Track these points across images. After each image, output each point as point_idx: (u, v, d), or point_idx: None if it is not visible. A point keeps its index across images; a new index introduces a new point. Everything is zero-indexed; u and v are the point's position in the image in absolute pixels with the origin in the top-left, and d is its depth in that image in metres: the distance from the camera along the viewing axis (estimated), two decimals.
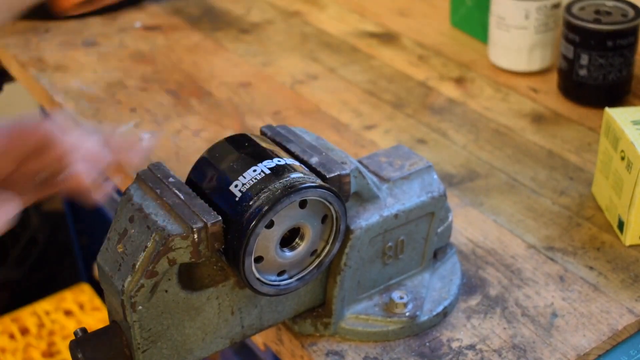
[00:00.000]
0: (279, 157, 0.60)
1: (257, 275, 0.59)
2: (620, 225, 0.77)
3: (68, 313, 1.49)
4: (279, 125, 0.67)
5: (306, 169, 0.61)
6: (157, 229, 0.56)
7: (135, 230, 0.57)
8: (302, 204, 0.59)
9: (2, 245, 1.76)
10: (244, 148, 0.61)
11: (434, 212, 0.68)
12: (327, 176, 0.61)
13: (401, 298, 0.68)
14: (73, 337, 0.60)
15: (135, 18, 1.23)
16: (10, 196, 0.56)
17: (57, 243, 1.88)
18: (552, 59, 1.04)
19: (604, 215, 0.80)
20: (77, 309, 1.49)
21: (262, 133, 0.66)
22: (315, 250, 0.62)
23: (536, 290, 0.72)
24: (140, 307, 0.57)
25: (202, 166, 0.62)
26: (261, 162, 0.59)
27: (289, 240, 0.61)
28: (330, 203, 0.60)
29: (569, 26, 0.94)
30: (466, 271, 0.74)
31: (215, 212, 0.57)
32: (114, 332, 0.60)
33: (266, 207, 0.56)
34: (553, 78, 1.03)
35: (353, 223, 0.64)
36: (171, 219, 0.57)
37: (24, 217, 1.81)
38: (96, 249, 0.62)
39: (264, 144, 0.62)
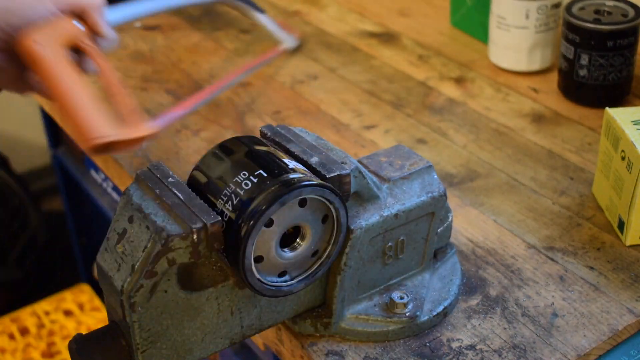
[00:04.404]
0: (279, 158, 0.60)
1: (257, 275, 0.59)
2: (621, 225, 0.76)
3: (68, 313, 1.49)
4: (279, 125, 0.67)
5: (305, 169, 0.61)
6: (157, 229, 0.56)
7: (135, 230, 0.57)
8: (302, 203, 0.59)
9: (2, 245, 1.76)
10: (243, 151, 0.61)
11: (434, 212, 0.68)
12: (327, 176, 0.61)
13: (401, 298, 0.68)
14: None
15: None
16: None
17: (57, 243, 1.88)
18: (552, 58, 1.04)
19: (604, 215, 0.80)
20: (77, 309, 1.49)
21: (262, 133, 0.66)
22: (317, 251, 0.62)
23: (536, 290, 0.72)
24: (139, 308, 0.57)
25: (203, 166, 0.62)
26: (261, 163, 0.60)
27: (290, 240, 0.61)
28: (330, 202, 0.60)
29: (569, 26, 0.94)
30: (466, 271, 0.74)
31: (215, 212, 0.57)
32: (113, 332, 0.59)
33: (264, 206, 0.56)
34: (553, 78, 1.02)
35: (353, 223, 0.64)
36: (170, 219, 0.57)
37: (24, 217, 1.81)
38: (96, 249, 0.62)
39: (263, 148, 0.62)
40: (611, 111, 0.78)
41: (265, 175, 0.58)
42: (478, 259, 0.75)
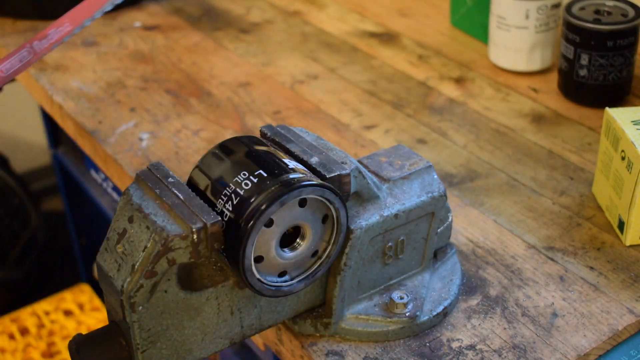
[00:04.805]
0: (279, 158, 0.60)
1: (257, 275, 0.59)
2: (621, 225, 0.76)
3: (68, 313, 1.49)
4: (279, 125, 0.67)
5: (305, 169, 0.61)
6: (157, 229, 0.56)
7: (135, 230, 0.57)
8: (302, 203, 0.59)
9: (2, 245, 1.76)
10: (243, 151, 0.61)
11: (434, 212, 0.68)
12: (327, 176, 0.61)
13: (401, 298, 0.68)
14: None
15: (135, 18, 1.23)
16: None
17: (57, 243, 1.88)
18: (552, 59, 1.04)
19: (604, 215, 0.80)
20: (77, 309, 1.49)
21: (262, 133, 0.66)
22: (317, 251, 0.62)
23: (536, 290, 0.72)
24: (139, 308, 0.57)
25: (203, 166, 0.62)
26: (261, 163, 0.60)
27: (290, 240, 0.61)
28: (330, 202, 0.60)
29: (569, 26, 0.94)
30: (466, 271, 0.74)
31: (215, 212, 0.57)
32: (113, 332, 0.59)
33: (264, 205, 0.56)
34: (553, 78, 1.02)
35: (353, 223, 0.64)
36: (170, 219, 0.57)
37: (24, 217, 1.81)
38: (96, 249, 0.62)
39: (263, 148, 0.62)
40: (611, 111, 0.78)
41: (265, 175, 0.58)
42: (478, 259, 0.75)
